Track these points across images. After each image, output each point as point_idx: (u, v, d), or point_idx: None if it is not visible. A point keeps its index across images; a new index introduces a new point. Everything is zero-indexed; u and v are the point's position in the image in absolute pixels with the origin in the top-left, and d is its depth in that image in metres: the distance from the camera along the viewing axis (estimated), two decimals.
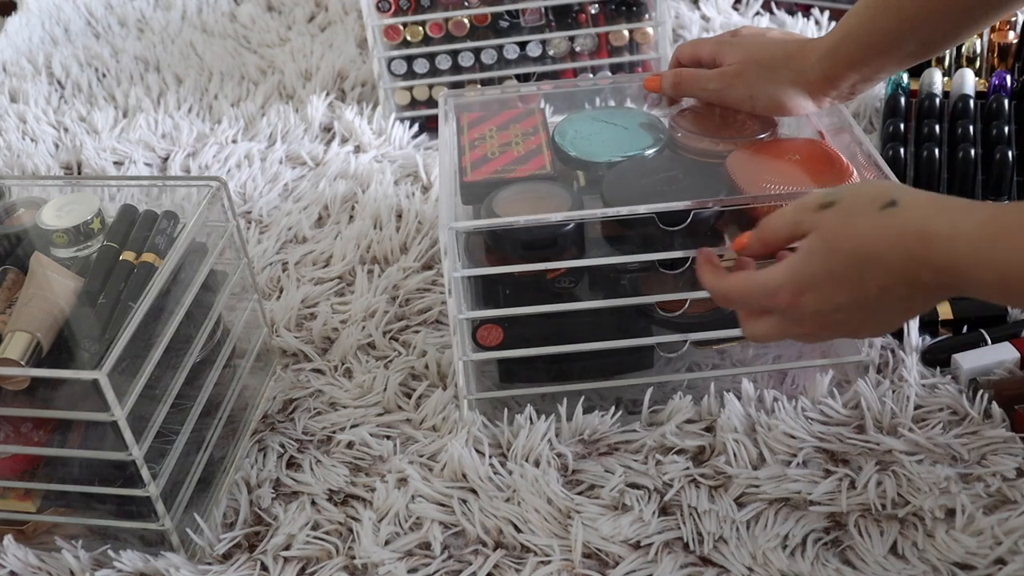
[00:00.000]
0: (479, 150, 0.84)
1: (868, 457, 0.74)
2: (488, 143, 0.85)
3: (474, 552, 0.71)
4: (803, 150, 0.80)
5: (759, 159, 0.79)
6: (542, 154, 0.83)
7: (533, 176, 0.80)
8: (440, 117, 0.88)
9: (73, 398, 0.64)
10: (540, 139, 0.85)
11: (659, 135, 0.84)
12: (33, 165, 1.16)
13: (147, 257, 0.73)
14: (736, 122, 0.84)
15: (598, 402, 0.80)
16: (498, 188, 0.79)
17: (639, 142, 0.83)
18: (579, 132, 0.85)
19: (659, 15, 1.13)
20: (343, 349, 0.89)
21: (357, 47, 1.33)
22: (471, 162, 0.83)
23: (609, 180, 0.79)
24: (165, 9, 1.49)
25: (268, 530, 0.74)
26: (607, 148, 0.82)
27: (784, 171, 0.77)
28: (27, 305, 0.69)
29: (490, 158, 0.83)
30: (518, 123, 0.88)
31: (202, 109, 1.24)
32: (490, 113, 0.90)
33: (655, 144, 0.82)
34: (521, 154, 0.83)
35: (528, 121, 0.88)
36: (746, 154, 0.80)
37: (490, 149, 0.84)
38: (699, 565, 0.69)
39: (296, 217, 1.05)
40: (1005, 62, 1.07)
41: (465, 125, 0.88)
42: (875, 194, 0.60)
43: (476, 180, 0.80)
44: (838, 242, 0.60)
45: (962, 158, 0.92)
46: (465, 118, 0.90)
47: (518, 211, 0.76)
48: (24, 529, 0.74)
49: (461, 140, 0.86)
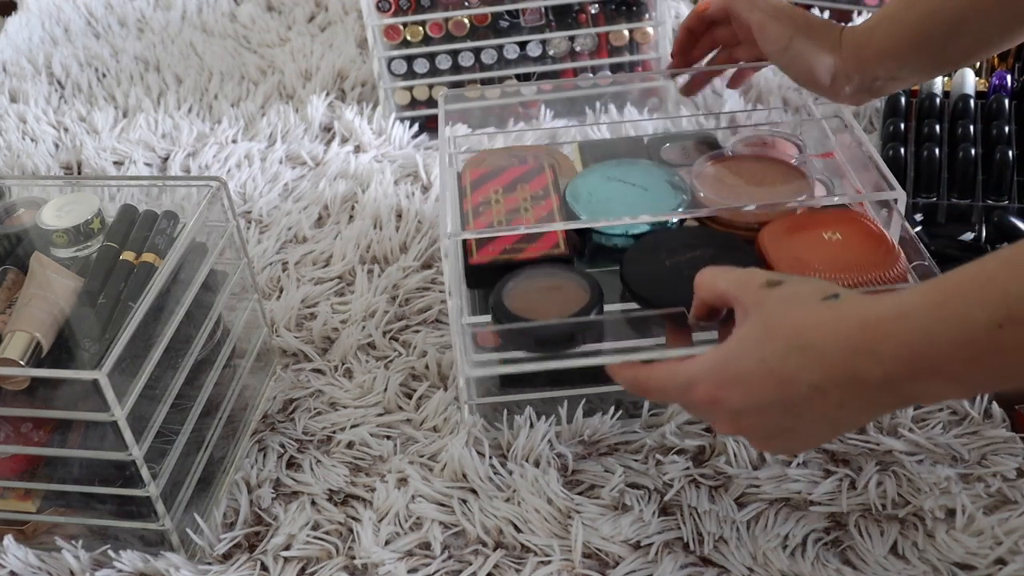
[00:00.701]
0: (484, 218, 0.77)
1: (868, 457, 0.74)
2: (494, 209, 0.77)
3: (474, 552, 0.71)
4: (844, 226, 0.72)
5: (796, 238, 0.72)
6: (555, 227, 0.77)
7: (546, 257, 0.74)
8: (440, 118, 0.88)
9: (73, 398, 0.64)
10: (551, 204, 0.77)
11: (682, 196, 0.77)
12: (33, 165, 1.16)
13: (147, 257, 0.73)
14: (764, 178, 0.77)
15: (598, 404, 0.80)
16: (507, 276, 0.73)
17: (659, 206, 0.76)
18: (593, 194, 0.78)
19: (659, 15, 1.13)
20: (343, 349, 0.89)
21: (357, 47, 1.33)
22: (475, 238, 0.76)
23: (631, 263, 0.73)
24: (165, 9, 1.49)
25: (268, 530, 0.74)
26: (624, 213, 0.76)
27: (827, 255, 0.70)
28: (27, 305, 0.69)
29: (497, 228, 0.76)
30: (527, 183, 0.80)
31: (202, 109, 1.24)
32: (496, 170, 0.83)
33: (677, 207, 0.76)
34: (531, 224, 0.76)
35: (538, 180, 0.80)
36: (781, 230, 0.73)
37: (496, 217, 0.76)
38: (699, 565, 0.69)
39: (296, 217, 1.05)
40: (1005, 62, 1.07)
41: (468, 186, 0.81)
42: (820, 285, 0.55)
43: (483, 263, 0.74)
44: (777, 326, 0.54)
45: (962, 158, 0.92)
46: (468, 175, 0.83)
47: (531, 305, 0.71)
48: (24, 529, 0.74)
49: (464, 205, 0.79)
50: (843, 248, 0.71)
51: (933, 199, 0.94)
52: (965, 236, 0.90)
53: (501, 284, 0.73)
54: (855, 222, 0.74)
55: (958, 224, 0.93)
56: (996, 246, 0.88)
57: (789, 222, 0.74)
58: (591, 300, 0.71)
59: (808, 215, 0.75)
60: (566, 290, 0.72)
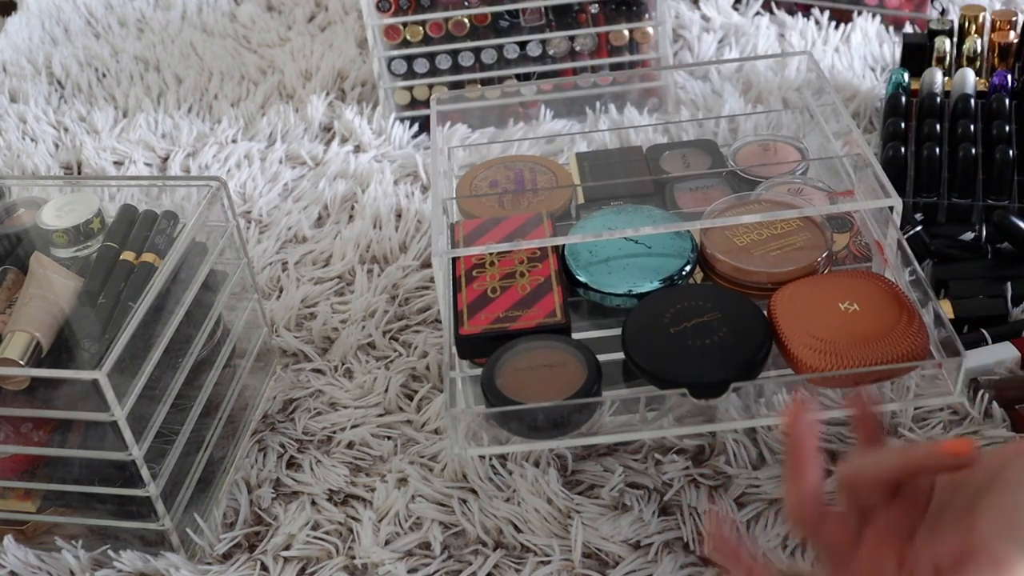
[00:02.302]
0: (478, 283, 0.73)
1: None
2: (488, 273, 0.74)
3: (474, 552, 0.71)
4: (863, 294, 0.68)
5: (810, 305, 0.68)
6: (551, 291, 0.72)
7: (541, 327, 0.70)
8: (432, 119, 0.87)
9: (73, 398, 0.64)
10: (549, 268, 0.73)
11: (688, 256, 0.74)
12: (33, 165, 1.16)
13: (147, 257, 0.73)
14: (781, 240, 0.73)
15: None
16: (500, 351, 0.69)
17: (664, 270, 0.72)
18: (595, 253, 0.74)
19: (659, 15, 1.13)
20: (343, 349, 0.89)
21: (357, 47, 1.33)
22: (468, 304, 0.72)
23: (632, 330, 0.69)
24: (165, 9, 1.49)
25: (268, 530, 0.74)
26: (627, 275, 0.72)
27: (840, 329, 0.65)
28: (27, 305, 0.69)
29: (491, 297, 0.72)
30: (523, 235, 0.75)
31: (202, 109, 1.24)
32: (490, 222, 0.77)
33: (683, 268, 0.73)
34: (527, 292, 0.72)
35: (535, 234, 0.75)
36: (795, 295, 0.69)
37: (490, 284, 0.72)
38: (699, 565, 0.69)
39: (296, 217, 1.05)
40: (1006, 62, 1.07)
41: (460, 240, 0.76)
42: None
43: (474, 333, 0.70)
44: None
45: (963, 157, 0.92)
46: (461, 229, 0.77)
47: (526, 388, 0.66)
48: (24, 529, 0.74)
49: (457, 269, 0.75)
50: (860, 321, 0.67)
51: (933, 199, 0.94)
52: (965, 236, 0.90)
53: (493, 360, 0.69)
54: (874, 286, 0.69)
55: (958, 224, 0.93)
56: (996, 246, 0.88)
57: (805, 287, 0.70)
58: (588, 379, 0.66)
59: (824, 278, 0.72)
60: (563, 368, 0.68)
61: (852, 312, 0.67)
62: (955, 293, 0.85)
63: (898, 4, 1.24)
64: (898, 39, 1.21)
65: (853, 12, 1.25)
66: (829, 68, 1.18)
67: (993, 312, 0.83)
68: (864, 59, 1.20)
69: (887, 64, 1.18)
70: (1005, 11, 1.09)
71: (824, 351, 0.65)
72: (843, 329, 0.66)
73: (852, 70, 1.18)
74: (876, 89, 1.14)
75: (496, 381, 0.67)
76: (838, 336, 0.66)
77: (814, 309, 0.67)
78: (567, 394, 0.66)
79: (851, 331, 0.65)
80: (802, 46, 1.23)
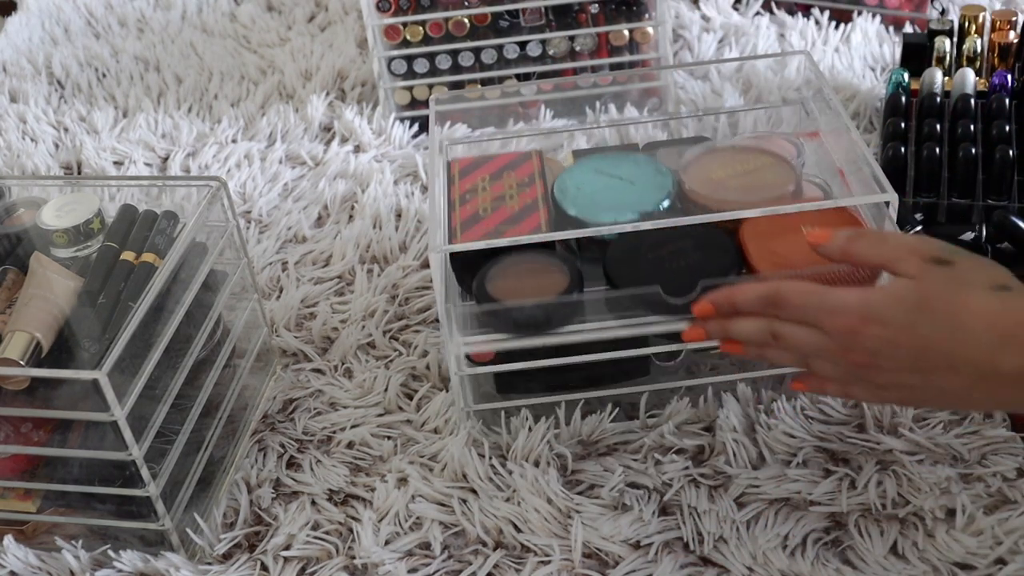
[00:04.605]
0: (470, 206, 0.79)
1: (868, 457, 0.74)
2: (480, 197, 0.79)
3: (474, 552, 0.71)
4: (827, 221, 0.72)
5: (777, 234, 0.73)
6: (537, 211, 0.77)
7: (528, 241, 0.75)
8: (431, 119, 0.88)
9: (73, 398, 0.64)
10: (536, 192, 0.79)
11: (668, 189, 0.77)
12: (33, 165, 1.16)
13: (147, 257, 0.73)
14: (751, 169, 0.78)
15: (596, 406, 0.80)
16: (490, 260, 0.75)
17: (646, 200, 0.77)
18: (581, 188, 0.79)
19: (659, 15, 1.13)
20: (343, 349, 0.89)
21: (357, 47, 1.33)
22: (461, 221, 0.77)
23: (613, 254, 0.75)
24: (165, 9, 1.49)
25: (268, 530, 0.74)
26: (611, 208, 0.77)
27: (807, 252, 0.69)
28: (27, 305, 0.69)
29: (482, 216, 0.77)
30: (513, 170, 0.82)
31: (202, 109, 1.24)
32: (483, 158, 0.84)
33: (663, 201, 0.77)
34: (515, 211, 0.77)
35: (524, 168, 0.82)
36: (762, 226, 0.74)
37: (482, 205, 0.78)
38: (699, 565, 0.69)
39: (296, 217, 1.05)
40: (1006, 62, 1.07)
41: (456, 174, 0.83)
42: (993, 274, 0.57)
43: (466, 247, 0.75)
44: (935, 303, 0.57)
45: (963, 157, 0.92)
46: (456, 165, 0.84)
47: (511, 290, 0.73)
48: (24, 529, 0.74)
49: (451, 193, 0.81)
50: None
51: (933, 199, 0.94)
52: (965, 236, 0.90)
53: (484, 269, 0.75)
54: (838, 217, 0.75)
55: (958, 224, 0.93)
56: (996, 246, 0.88)
57: (773, 218, 0.74)
58: (571, 283, 0.73)
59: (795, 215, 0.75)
60: (547, 274, 0.74)
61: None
62: None
63: (898, 4, 1.24)
64: (898, 39, 1.21)
65: (853, 12, 1.25)
66: (829, 68, 1.18)
67: None
68: (864, 59, 1.20)
69: (887, 64, 1.18)
70: (1005, 11, 1.09)
71: (784, 266, 0.71)
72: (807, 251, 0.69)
73: (852, 70, 1.18)
74: (876, 89, 1.14)
75: (486, 286, 0.73)
76: (799, 255, 0.70)
77: (779, 233, 0.73)
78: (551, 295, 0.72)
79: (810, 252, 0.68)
80: (802, 46, 1.23)
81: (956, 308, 0.56)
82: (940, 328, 0.56)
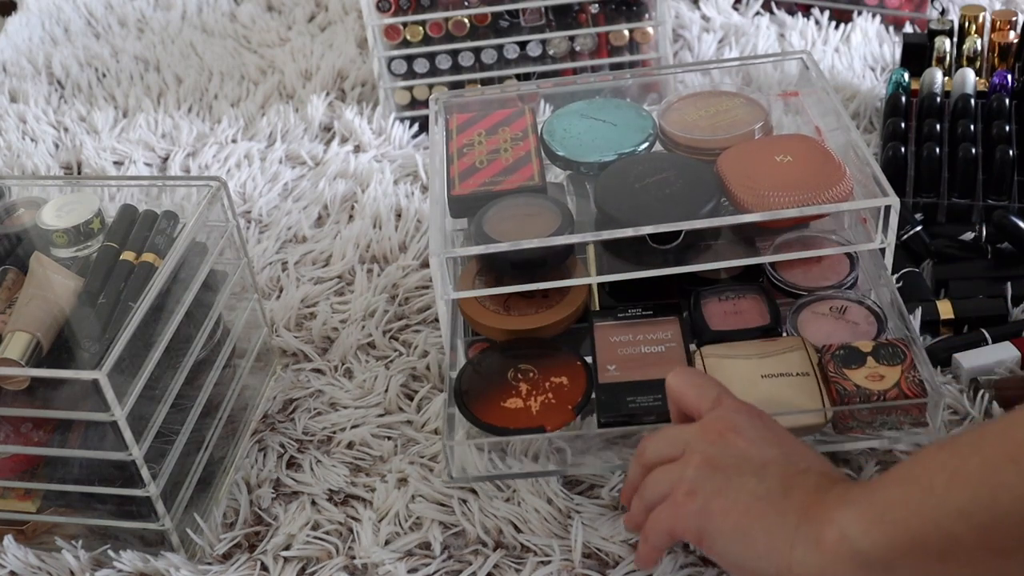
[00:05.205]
0: (467, 158, 0.84)
1: (868, 457, 0.74)
2: (476, 150, 0.85)
3: (474, 552, 0.71)
4: (797, 149, 0.79)
5: (751, 160, 0.79)
6: (531, 162, 0.83)
7: (522, 188, 0.81)
8: (431, 119, 0.88)
9: (73, 398, 0.64)
10: (529, 145, 0.85)
11: (649, 130, 0.85)
12: (33, 165, 1.16)
13: (147, 257, 0.73)
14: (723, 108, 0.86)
15: None
16: (486, 205, 0.80)
17: (629, 140, 0.84)
18: (568, 131, 0.86)
19: (659, 15, 1.13)
20: (343, 349, 0.89)
21: (357, 47, 1.33)
22: (459, 172, 0.83)
23: (601, 185, 0.80)
24: (165, 9, 1.49)
25: (268, 530, 0.74)
26: (597, 147, 0.84)
27: (777, 176, 0.77)
28: (27, 305, 0.69)
29: (478, 167, 0.83)
30: (508, 126, 0.88)
31: (202, 109, 1.24)
32: (480, 114, 0.90)
33: (644, 141, 0.84)
34: (509, 163, 0.83)
35: (518, 123, 0.88)
36: (737, 153, 0.80)
37: (478, 157, 0.84)
38: (699, 565, 0.69)
39: (296, 217, 1.05)
40: (1006, 62, 1.07)
41: (454, 129, 0.88)
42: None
43: (463, 194, 0.81)
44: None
45: (963, 157, 0.92)
46: (454, 120, 0.89)
47: (507, 231, 0.77)
48: (24, 529, 0.74)
49: (450, 147, 0.86)
50: (792, 169, 0.77)
51: (933, 199, 0.94)
52: (965, 236, 0.90)
53: (480, 213, 0.79)
54: (807, 145, 0.80)
55: (958, 224, 0.93)
56: (996, 246, 0.88)
57: (745, 146, 0.81)
58: (563, 224, 0.77)
59: (765, 140, 0.83)
60: (540, 216, 0.78)
61: (786, 163, 0.78)
62: (955, 293, 0.86)
63: (898, 4, 1.24)
64: (898, 39, 1.21)
65: (853, 12, 1.25)
66: (829, 68, 1.18)
67: (993, 312, 0.83)
68: (864, 59, 1.20)
69: (887, 64, 1.18)
70: (1005, 11, 1.09)
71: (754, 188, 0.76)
72: (776, 175, 0.77)
73: (852, 70, 1.18)
74: (876, 89, 1.14)
75: (483, 227, 0.77)
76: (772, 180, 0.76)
77: (753, 161, 0.79)
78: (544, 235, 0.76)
79: (783, 177, 0.76)
80: (802, 46, 1.23)
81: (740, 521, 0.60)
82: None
